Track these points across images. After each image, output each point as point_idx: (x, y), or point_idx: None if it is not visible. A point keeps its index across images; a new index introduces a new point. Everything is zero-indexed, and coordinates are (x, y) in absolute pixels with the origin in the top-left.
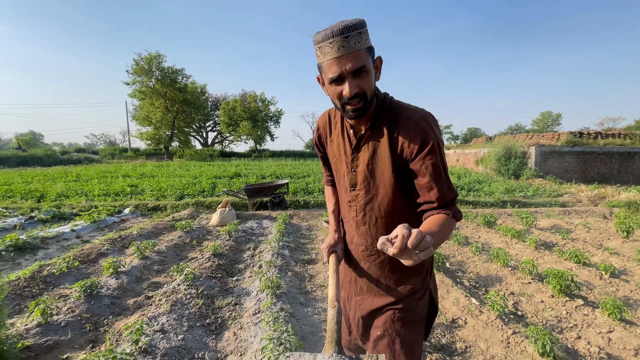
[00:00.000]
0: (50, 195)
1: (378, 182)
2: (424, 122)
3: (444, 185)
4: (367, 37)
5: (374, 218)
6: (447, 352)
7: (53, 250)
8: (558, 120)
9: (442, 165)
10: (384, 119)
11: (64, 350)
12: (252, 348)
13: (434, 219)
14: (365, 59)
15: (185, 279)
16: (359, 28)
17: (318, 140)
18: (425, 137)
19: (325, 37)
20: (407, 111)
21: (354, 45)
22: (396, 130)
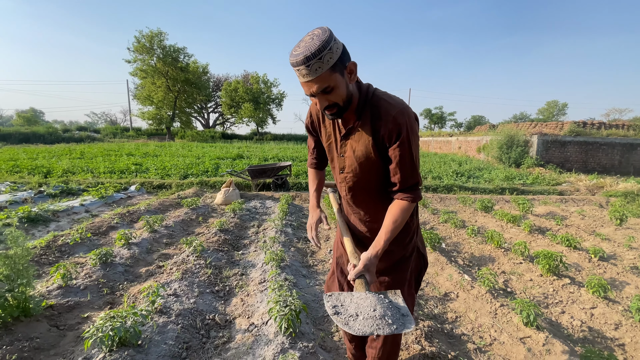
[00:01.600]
0: (57, 172)
1: (362, 166)
2: (400, 117)
3: (408, 171)
4: (330, 55)
5: (359, 196)
6: (438, 321)
7: (64, 223)
8: (564, 110)
9: (409, 155)
10: (367, 111)
11: (84, 310)
12: (259, 311)
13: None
14: (329, 79)
15: (194, 250)
16: (319, 54)
17: (311, 125)
18: (400, 131)
19: (293, 64)
20: (388, 105)
21: (315, 71)
22: (378, 122)
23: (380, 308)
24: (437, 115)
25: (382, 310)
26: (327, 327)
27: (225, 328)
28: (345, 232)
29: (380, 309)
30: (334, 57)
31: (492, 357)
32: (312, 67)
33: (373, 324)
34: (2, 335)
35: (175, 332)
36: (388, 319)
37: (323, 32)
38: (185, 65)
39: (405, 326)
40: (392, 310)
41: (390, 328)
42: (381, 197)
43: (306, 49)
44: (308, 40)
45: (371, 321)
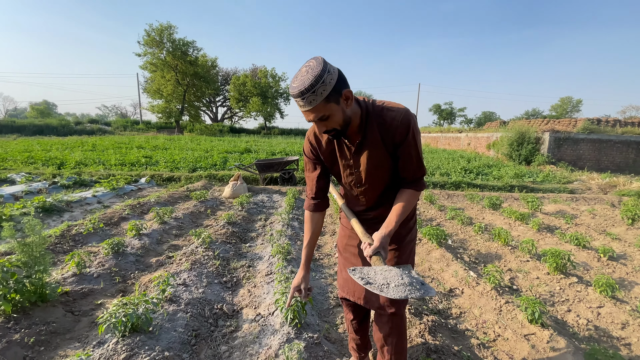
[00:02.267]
0: (70, 163)
1: (378, 174)
2: (406, 121)
3: (415, 167)
4: (324, 88)
5: (374, 194)
6: (442, 316)
7: (77, 213)
8: (578, 107)
9: (416, 152)
10: (373, 125)
11: (98, 297)
12: (265, 302)
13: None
14: (324, 108)
15: (202, 242)
16: (312, 88)
17: (313, 151)
18: (407, 133)
19: (292, 95)
20: (392, 113)
21: (310, 103)
22: (385, 131)
23: (406, 277)
24: (447, 111)
25: (408, 279)
26: (331, 319)
27: (232, 318)
28: (352, 216)
29: (406, 277)
30: (327, 89)
31: (496, 353)
32: (307, 99)
33: (405, 289)
34: (21, 319)
35: (185, 320)
36: (416, 285)
37: (317, 65)
38: (194, 58)
39: (429, 292)
40: (414, 279)
41: (419, 292)
42: (389, 189)
43: (301, 83)
44: (304, 73)
45: (402, 287)
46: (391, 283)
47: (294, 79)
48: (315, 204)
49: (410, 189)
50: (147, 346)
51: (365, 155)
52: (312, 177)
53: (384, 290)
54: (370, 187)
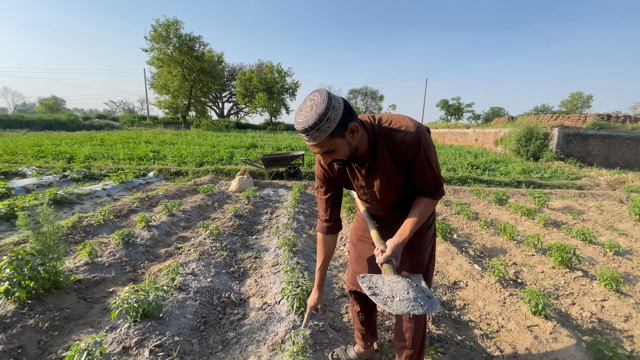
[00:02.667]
0: (79, 157)
1: (390, 190)
2: (416, 139)
3: (430, 180)
4: (328, 125)
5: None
6: (446, 307)
7: (87, 206)
8: (588, 103)
9: (430, 167)
10: (382, 147)
11: (110, 285)
12: (272, 292)
13: (417, 205)
14: (329, 144)
15: (210, 234)
16: (316, 126)
17: (325, 174)
18: (418, 151)
19: (297, 130)
20: (400, 134)
21: (315, 139)
22: (396, 152)
23: (412, 291)
24: (454, 107)
25: (414, 293)
26: (336, 309)
27: (240, 306)
28: (371, 224)
29: (412, 292)
30: (332, 125)
31: (499, 343)
32: (311, 136)
33: (408, 305)
34: (35, 305)
35: (194, 307)
36: (420, 301)
37: (321, 101)
38: (200, 54)
39: (433, 307)
40: (421, 293)
41: (423, 309)
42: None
43: (305, 120)
44: (308, 109)
45: (406, 302)
46: (396, 297)
47: (298, 112)
48: (328, 227)
49: (427, 198)
50: (157, 331)
51: (376, 177)
52: (324, 199)
53: (387, 303)
54: (385, 202)
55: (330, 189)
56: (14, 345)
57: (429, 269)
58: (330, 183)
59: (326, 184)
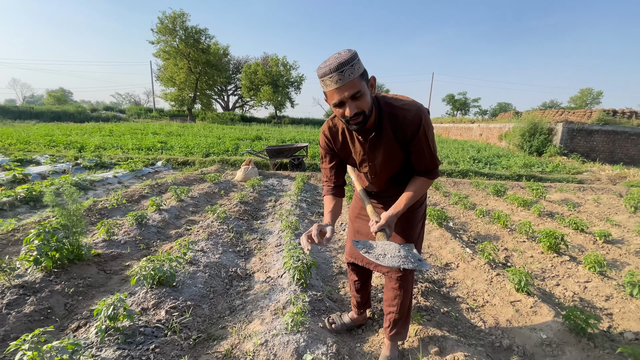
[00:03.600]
0: (90, 147)
1: (390, 165)
2: (417, 118)
3: (427, 159)
4: (359, 65)
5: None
6: (437, 285)
7: (100, 192)
8: (598, 99)
9: (428, 146)
10: (385, 121)
11: (126, 260)
12: (275, 268)
13: (413, 183)
14: (359, 84)
15: (217, 217)
16: (351, 61)
17: (328, 144)
18: (418, 129)
19: (325, 73)
20: (403, 111)
21: (348, 77)
22: (397, 127)
23: (402, 251)
24: (461, 102)
25: (404, 252)
26: (334, 284)
27: (245, 279)
28: (367, 200)
29: (403, 251)
30: (361, 68)
31: (482, 316)
32: (345, 72)
33: (399, 260)
34: (61, 274)
35: (204, 278)
36: (411, 259)
37: (349, 50)
38: (206, 46)
39: (423, 266)
40: (412, 255)
41: (413, 265)
42: (402, 173)
43: (338, 59)
44: (336, 56)
45: (397, 258)
46: (387, 254)
47: (323, 63)
48: (334, 188)
49: (423, 177)
50: (172, 296)
51: (378, 150)
52: (328, 168)
53: (379, 259)
54: (383, 176)
55: (334, 157)
56: (43, 306)
57: (418, 245)
58: (334, 153)
59: (330, 153)
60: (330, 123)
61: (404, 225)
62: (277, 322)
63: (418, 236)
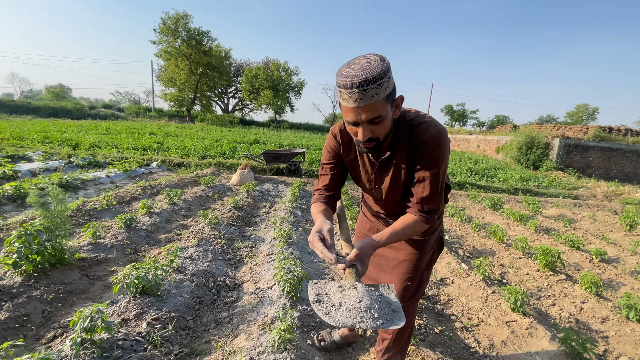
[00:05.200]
0: (84, 145)
1: (397, 190)
2: (434, 140)
3: (430, 195)
4: (388, 84)
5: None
6: (431, 301)
7: (91, 192)
8: (594, 115)
9: (434, 177)
10: (401, 142)
11: (111, 265)
12: (265, 278)
13: (404, 219)
14: (382, 109)
15: (209, 222)
16: (380, 79)
17: (336, 148)
18: (429, 154)
19: (344, 85)
20: (419, 130)
21: (371, 98)
22: (411, 149)
23: (367, 300)
24: (459, 113)
25: (368, 303)
26: None
27: (234, 290)
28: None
29: (367, 301)
30: (390, 87)
31: (477, 336)
32: (369, 92)
33: (356, 315)
34: (41, 278)
35: (190, 288)
36: (374, 312)
37: (382, 59)
38: (208, 48)
39: (394, 322)
40: (381, 304)
41: (375, 322)
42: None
43: (365, 72)
44: (365, 64)
45: (354, 312)
46: (343, 305)
47: (346, 68)
48: (327, 196)
49: (418, 217)
50: (155, 307)
51: (387, 175)
52: (329, 175)
53: (330, 312)
54: (390, 200)
55: (338, 165)
56: (20, 313)
57: (424, 276)
58: (340, 159)
59: (336, 159)
60: (342, 126)
61: (412, 251)
62: (264, 338)
63: (426, 266)
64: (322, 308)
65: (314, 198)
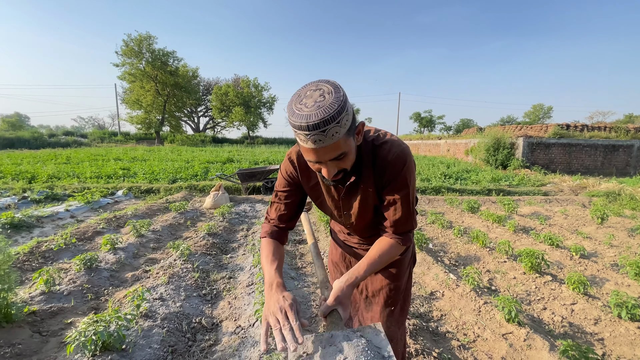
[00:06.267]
0: (42, 177)
1: (367, 214)
2: (399, 161)
3: (403, 218)
4: (347, 118)
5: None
6: (424, 319)
7: (48, 229)
8: (549, 113)
9: (405, 198)
10: (366, 164)
11: (68, 316)
12: (246, 314)
13: (379, 245)
14: (345, 144)
15: (181, 254)
16: (338, 116)
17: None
18: (397, 175)
19: (300, 127)
20: (383, 151)
21: (332, 137)
22: (377, 171)
23: (353, 355)
24: (427, 119)
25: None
26: (314, 327)
27: (212, 331)
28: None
29: (353, 355)
30: (350, 119)
31: (476, 354)
32: (328, 132)
33: None
34: None
35: (161, 335)
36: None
37: (336, 89)
38: (174, 69)
39: None
40: (369, 355)
41: None
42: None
43: (321, 110)
44: (318, 98)
45: None
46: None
47: (297, 104)
48: (278, 232)
49: (393, 241)
50: None
51: (355, 199)
52: (284, 204)
53: None
54: (360, 224)
55: (296, 193)
56: None
57: (406, 296)
58: (297, 188)
59: (294, 187)
60: (299, 151)
61: (388, 275)
62: None
63: (405, 286)
64: None
65: (264, 228)
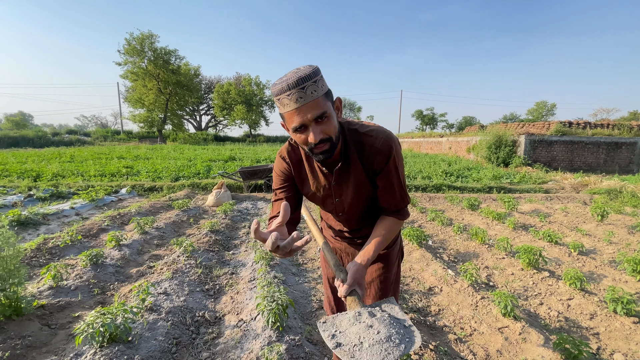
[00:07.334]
0: (47, 175)
1: (361, 201)
2: (386, 147)
3: (398, 197)
4: (323, 83)
5: (357, 219)
6: (422, 314)
7: (54, 226)
8: (552, 111)
9: (398, 181)
10: (352, 151)
11: (75, 310)
12: (248, 308)
13: (381, 224)
14: (325, 105)
15: (184, 251)
16: (313, 77)
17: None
18: (387, 160)
19: (281, 90)
20: (370, 139)
21: (311, 95)
22: (365, 157)
23: (383, 328)
24: (429, 117)
25: (386, 331)
26: (314, 321)
27: (214, 324)
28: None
29: (384, 328)
30: (325, 86)
31: (472, 347)
32: (307, 89)
33: (381, 349)
34: None
35: (165, 328)
36: (395, 339)
37: (310, 65)
38: (176, 67)
39: (413, 341)
40: (395, 327)
41: (399, 349)
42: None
43: (297, 73)
44: (295, 71)
45: (378, 347)
46: (365, 342)
47: (279, 79)
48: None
49: (392, 217)
50: (125, 356)
51: (346, 184)
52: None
53: (355, 354)
54: (353, 214)
55: (291, 188)
56: None
57: (396, 287)
58: (293, 182)
59: (288, 183)
60: (289, 147)
61: (379, 267)
62: None
63: (395, 276)
64: (346, 351)
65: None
